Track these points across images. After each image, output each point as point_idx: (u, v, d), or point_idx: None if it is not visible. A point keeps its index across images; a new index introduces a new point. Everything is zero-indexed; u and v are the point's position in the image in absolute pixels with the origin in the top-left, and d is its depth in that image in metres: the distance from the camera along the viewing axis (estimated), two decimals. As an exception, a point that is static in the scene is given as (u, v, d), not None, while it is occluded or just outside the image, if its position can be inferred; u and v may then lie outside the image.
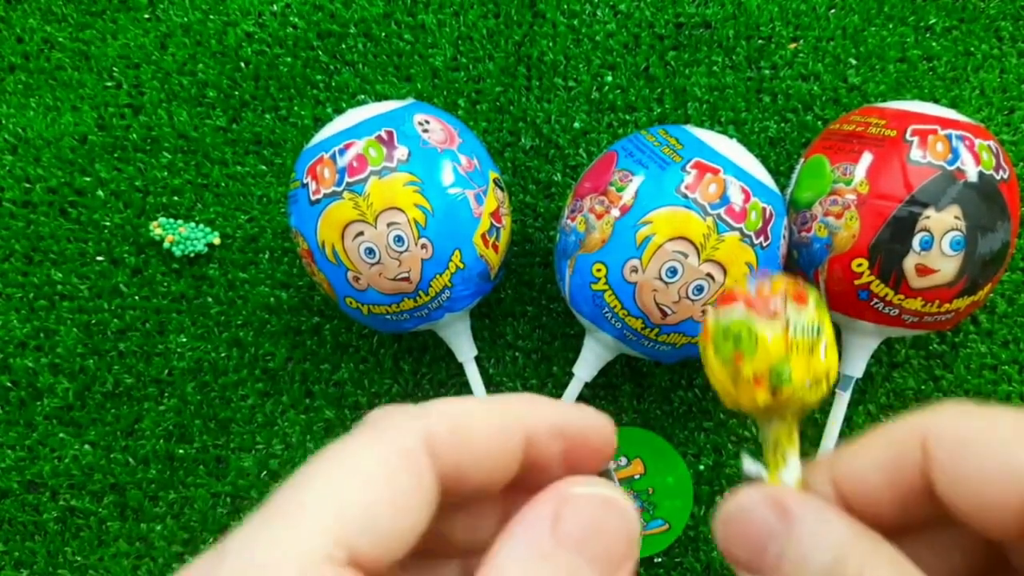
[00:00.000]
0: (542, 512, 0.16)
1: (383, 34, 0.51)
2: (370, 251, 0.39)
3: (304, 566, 0.14)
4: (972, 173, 0.39)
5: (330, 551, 0.15)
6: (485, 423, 0.18)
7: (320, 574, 0.14)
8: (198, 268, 0.50)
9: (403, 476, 0.16)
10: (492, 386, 0.48)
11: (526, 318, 0.49)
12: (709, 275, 0.38)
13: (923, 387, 0.48)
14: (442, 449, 0.17)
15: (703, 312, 0.17)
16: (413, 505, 0.16)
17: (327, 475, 0.16)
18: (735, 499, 0.18)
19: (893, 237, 0.39)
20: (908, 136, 0.39)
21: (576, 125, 0.50)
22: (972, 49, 0.50)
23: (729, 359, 0.19)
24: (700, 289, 0.38)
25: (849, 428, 0.47)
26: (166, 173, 0.50)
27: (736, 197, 0.38)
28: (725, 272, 0.38)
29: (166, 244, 0.49)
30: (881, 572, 0.16)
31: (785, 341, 0.19)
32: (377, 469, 0.16)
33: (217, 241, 0.49)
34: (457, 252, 0.40)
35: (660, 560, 0.47)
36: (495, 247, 0.42)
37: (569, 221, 0.41)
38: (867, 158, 0.40)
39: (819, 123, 0.50)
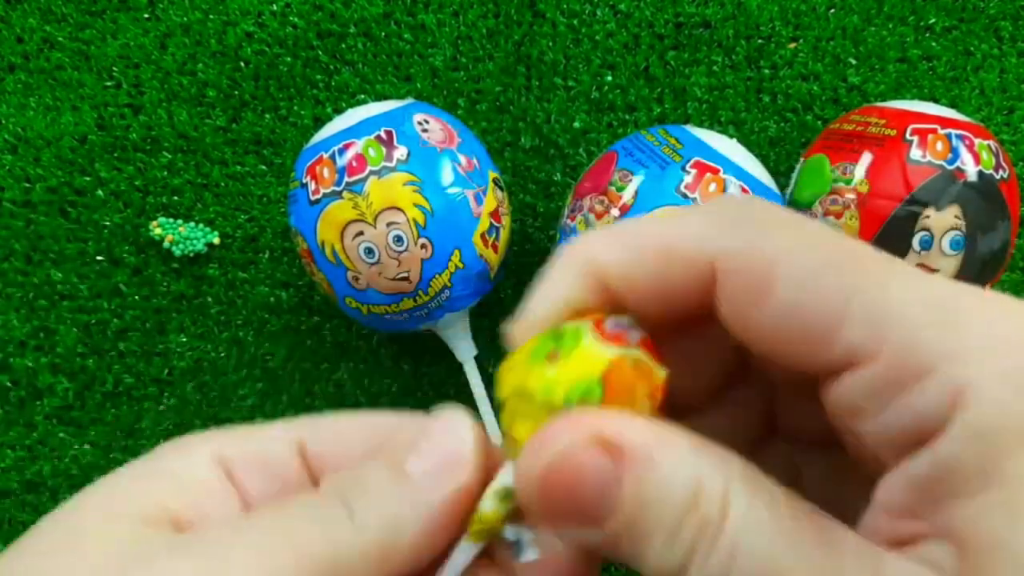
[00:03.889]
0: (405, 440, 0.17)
1: (383, 34, 0.51)
2: (369, 251, 0.39)
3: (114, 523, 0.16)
4: (972, 172, 0.39)
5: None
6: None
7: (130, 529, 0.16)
8: (198, 268, 0.50)
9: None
10: (492, 386, 0.48)
11: (526, 318, 0.49)
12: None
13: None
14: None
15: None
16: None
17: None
18: (551, 444, 0.14)
19: (893, 236, 0.39)
20: (908, 135, 0.39)
21: (576, 125, 0.50)
22: (972, 49, 0.50)
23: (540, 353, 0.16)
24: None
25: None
26: (166, 173, 0.50)
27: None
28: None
29: (166, 244, 0.49)
30: (743, 500, 0.14)
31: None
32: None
33: (217, 241, 0.49)
34: (456, 252, 0.40)
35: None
36: (494, 247, 0.42)
37: (569, 221, 0.41)
38: (867, 157, 0.40)
39: (819, 123, 0.50)
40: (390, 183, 0.39)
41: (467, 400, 0.47)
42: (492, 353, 0.49)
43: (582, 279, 0.16)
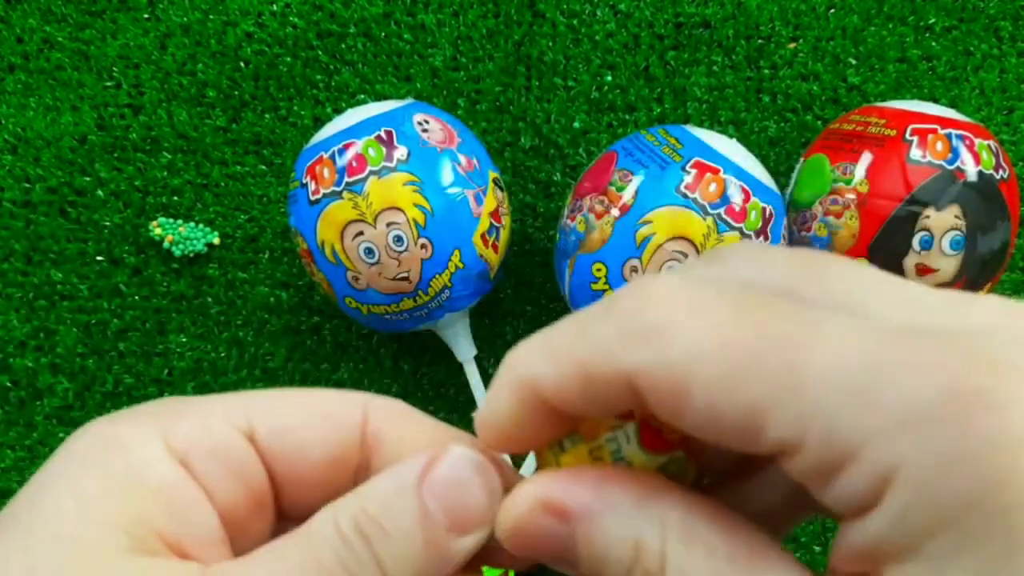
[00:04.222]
0: (418, 459, 0.17)
1: (383, 34, 0.51)
2: (369, 251, 0.39)
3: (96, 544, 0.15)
4: (972, 172, 0.39)
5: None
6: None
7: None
8: (198, 268, 0.50)
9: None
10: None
11: (526, 318, 0.49)
12: (709, 275, 0.38)
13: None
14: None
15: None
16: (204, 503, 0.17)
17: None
18: (509, 513, 0.16)
19: (893, 236, 0.39)
20: (908, 135, 0.39)
21: (576, 125, 0.50)
22: (972, 49, 0.50)
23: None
24: (700, 289, 0.38)
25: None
26: (166, 173, 0.50)
27: (736, 197, 0.38)
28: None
29: (166, 244, 0.49)
30: (680, 554, 0.15)
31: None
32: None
33: (217, 241, 0.49)
34: (457, 252, 0.40)
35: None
36: (495, 247, 0.42)
37: (569, 221, 0.41)
38: (867, 157, 0.40)
39: (819, 123, 0.50)
40: (390, 183, 0.39)
41: (467, 400, 0.47)
42: (492, 353, 0.49)
43: (521, 400, 0.16)
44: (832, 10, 0.51)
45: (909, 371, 0.12)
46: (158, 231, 0.49)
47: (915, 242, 0.39)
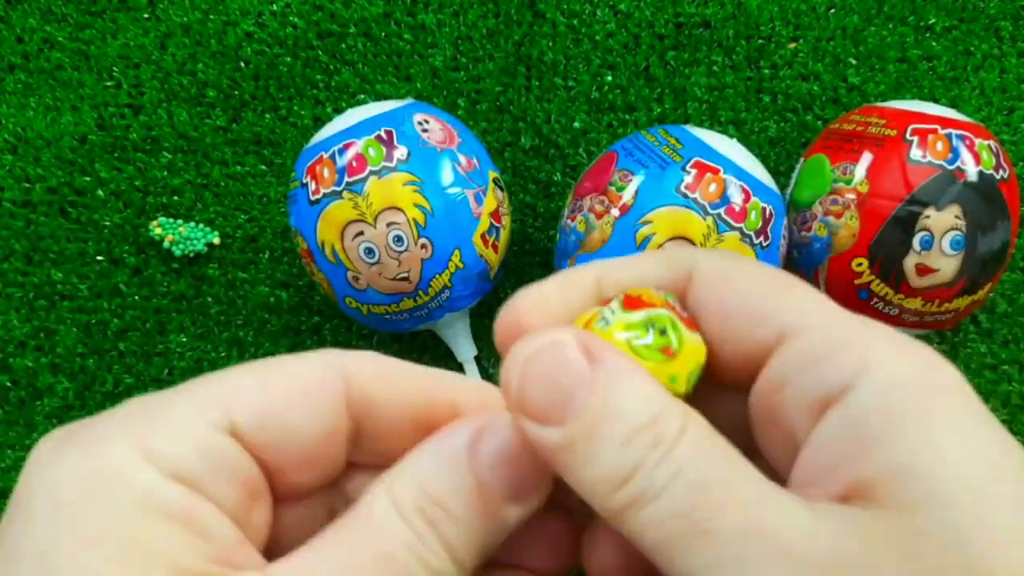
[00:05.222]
0: (462, 430, 0.17)
1: (383, 34, 0.51)
2: (369, 251, 0.39)
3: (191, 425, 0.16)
4: (972, 172, 0.39)
5: (213, 419, 0.16)
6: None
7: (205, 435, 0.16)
8: (198, 268, 0.50)
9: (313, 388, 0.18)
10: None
11: (526, 318, 0.49)
12: (709, 275, 0.38)
13: (923, 387, 0.48)
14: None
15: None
16: (317, 412, 0.18)
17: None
18: (541, 335, 0.16)
19: (893, 236, 0.39)
20: (908, 135, 0.39)
21: (576, 125, 0.50)
22: (972, 49, 0.50)
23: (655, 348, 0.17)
24: (700, 289, 0.38)
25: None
26: (166, 173, 0.50)
27: (736, 197, 0.38)
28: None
29: (166, 244, 0.49)
30: (697, 434, 0.15)
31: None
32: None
33: (217, 241, 0.49)
34: (457, 252, 0.40)
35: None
36: (495, 247, 0.42)
37: (569, 221, 0.41)
38: (867, 157, 0.40)
39: (819, 123, 0.50)
40: (390, 183, 0.39)
41: (467, 400, 0.47)
42: (492, 353, 0.49)
43: (582, 286, 0.19)
44: (832, 10, 0.51)
45: (876, 327, 0.16)
46: (158, 231, 0.49)
47: (915, 242, 0.39)
